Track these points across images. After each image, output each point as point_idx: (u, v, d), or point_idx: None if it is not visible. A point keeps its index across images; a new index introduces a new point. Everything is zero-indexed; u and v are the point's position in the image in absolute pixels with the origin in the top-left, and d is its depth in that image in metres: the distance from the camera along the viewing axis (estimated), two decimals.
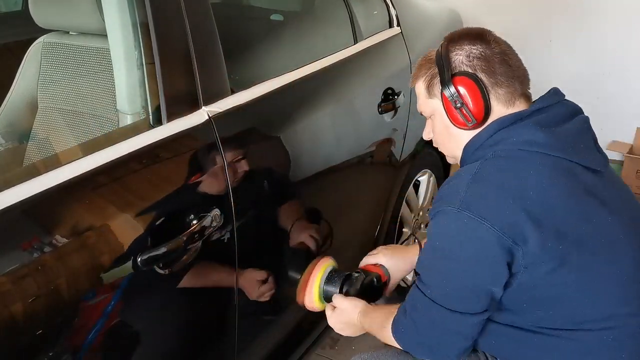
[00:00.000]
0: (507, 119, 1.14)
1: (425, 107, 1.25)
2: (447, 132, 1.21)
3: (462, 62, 1.15)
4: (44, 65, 1.50)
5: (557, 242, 1.06)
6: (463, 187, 1.08)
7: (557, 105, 1.18)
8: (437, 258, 1.13)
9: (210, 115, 1.25)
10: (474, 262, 1.08)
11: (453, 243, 1.09)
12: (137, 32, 1.16)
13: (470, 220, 1.05)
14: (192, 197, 1.18)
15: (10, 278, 0.89)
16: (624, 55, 3.30)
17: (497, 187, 1.07)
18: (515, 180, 1.08)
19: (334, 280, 1.40)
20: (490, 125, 1.15)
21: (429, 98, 1.22)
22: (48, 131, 1.48)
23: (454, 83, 1.14)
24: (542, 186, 1.07)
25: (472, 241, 1.06)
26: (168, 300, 1.20)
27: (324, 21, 2.14)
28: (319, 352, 2.16)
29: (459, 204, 1.06)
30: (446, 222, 1.09)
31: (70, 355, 1.01)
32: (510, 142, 1.12)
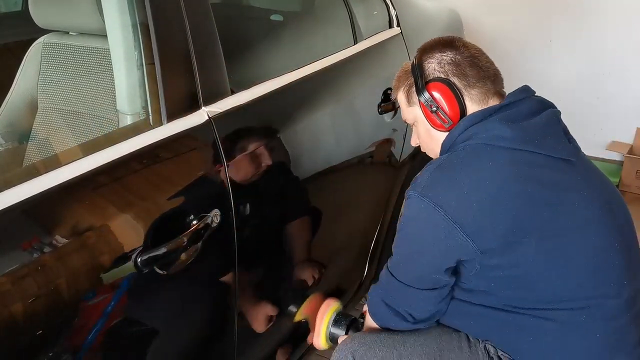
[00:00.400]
0: (477, 116, 1.22)
1: (408, 115, 1.36)
2: (429, 136, 1.32)
3: (435, 69, 1.25)
4: (44, 66, 1.50)
5: (512, 229, 1.12)
6: (427, 175, 1.19)
7: (525, 100, 1.25)
8: (400, 236, 1.24)
9: (210, 115, 1.25)
10: (425, 244, 1.19)
11: (413, 225, 1.20)
12: (137, 33, 1.16)
13: (427, 206, 1.14)
14: (192, 197, 1.18)
15: (10, 278, 0.89)
16: (624, 55, 3.31)
17: (454, 177, 1.16)
18: (473, 172, 1.15)
19: (341, 324, 1.49)
20: (461, 123, 1.23)
21: (409, 106, 1.33)
22: (48, 131, 1.48)
23: (428, 89, 1.25)
24: (498, 177, 1.14)
25: (428, 226, 1.16)
26: (168, 301, 1.20)
27: (324, 21, 2.14)
28: (319, 353, 2.15)
29: (421, 190, 1.16)
30: (410, 206, 1.19)
31: (70, 356, 1.01)
32: (480, 137, 1.19)
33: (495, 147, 1.16)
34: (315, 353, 1.91)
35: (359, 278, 1.99)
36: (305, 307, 1.60)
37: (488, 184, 1.13)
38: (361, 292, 2.05)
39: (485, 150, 1.17)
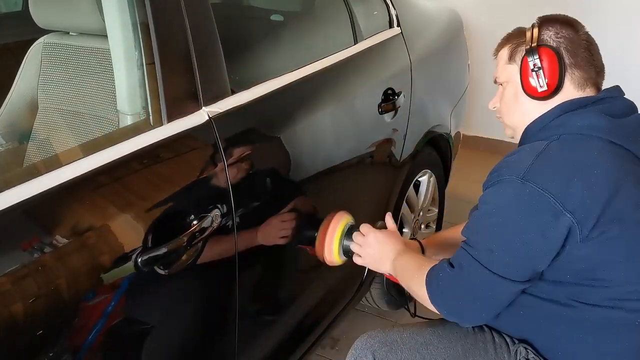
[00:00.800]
0: (573, 104, 1.21)
1: (502, 73, 1.32)
2: (515, 100, 1.28)
3: (550, 37, 1.24)
4: (44, 66, 1.50)
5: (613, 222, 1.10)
6: (528, 161, 1.14)
7: (620, 98, 1.25)
8: (491, 224, 1.16)
9: (211, 115, 1.25)
10: (530, 232, 1.12)
11: (512, 211, 1.13)
12: (137, 33, 1.16)
13: (532, 191, 1.10)
14: (193, 197, 1.18)
15: (10, 278, 0.89)
16: (624, 55, 3.30)
17: (563, 164, 1.13)
18: (581, 160, 1.13)
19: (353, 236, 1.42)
20: (556, 108, 1.22)
21: (509, 63, 1.30)
22: (48, 132, 1.48)
23: (538, 51, 1.22)
24: (605, 168, 1.13)
25: (532, 212, 1.11)
26: (168, 301, 1.20)
27: (324, 21, 2.14)
28: (319, 353, 2.16)
29: (523, 175, 1.11)
30: (507, 190, 1.13)
31: (71, 356, 1.01)
32: (573, 125, 1.18)
33: (593, 137, 1.16)
34: (315, 353, 1.92)
35: (359, 277, 1.99)
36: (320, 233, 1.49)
37: (596, 172, 1.12)
38: (361, 291, 2.05)
39: (586, 140, 1.16)
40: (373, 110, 1.84)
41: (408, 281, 1.30)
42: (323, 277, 1.82)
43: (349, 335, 2.25)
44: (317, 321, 1.80)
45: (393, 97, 1.90)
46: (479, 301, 1.18)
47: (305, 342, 1.74)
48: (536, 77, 1.22)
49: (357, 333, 2.24)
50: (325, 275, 1.83)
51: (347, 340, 2.24)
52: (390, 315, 2.40)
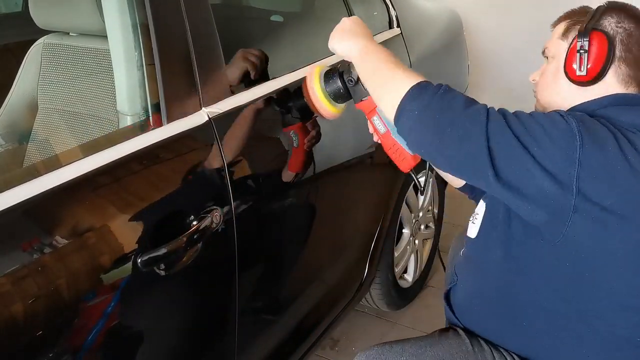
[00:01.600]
0: (624, 98, 1.16)
1: (552, 46, 1.26)
2: (554, 78, 1.24)
3: (610, 24, 1.17)
4: (44, 67, 1.50)
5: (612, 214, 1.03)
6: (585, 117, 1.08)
7: None
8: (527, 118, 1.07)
9: (211, 116, 1.25)
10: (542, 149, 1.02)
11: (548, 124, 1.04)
12: (137, 33, 1.16)
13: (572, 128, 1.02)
14: (192, 198, 1.18)
15: (10, 279, 0.89)
16: None
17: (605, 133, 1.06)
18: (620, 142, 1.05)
19: (332, 77, 1.31)
20: (606, 98, 1.16)
21: (561, 39, 1.24)
22: (48, 132, 1.48)
23: (591, 34, 1.16)
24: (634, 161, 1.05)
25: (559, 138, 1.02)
26: (168, 301, 1.20)
27: (324, 22, 2.14)
28: (319, 353, 2.16)
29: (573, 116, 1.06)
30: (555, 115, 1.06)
31: (71, 356, 1.01)
32: (617, 120, 1.11)
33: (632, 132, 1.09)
34: (315, 353, 1.92)
35: (359, 278, 1.99)
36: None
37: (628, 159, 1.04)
38: (361, 292, 2.05)
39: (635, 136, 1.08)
40: None
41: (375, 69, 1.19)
42: (323, 278, 1.82)
43: (349, 335, 2.26)
44: (317, 321, 1.80)
45: None
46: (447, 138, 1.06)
47: (305, 343, 1.74)
48: (579, 60, 1.16)
49: (357, 334, 2.26)
50: (325, 276, 1.83)
51: (346, 341, 2.24)
52: (390, 315, 2.40)
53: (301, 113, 1.41)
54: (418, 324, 2.34)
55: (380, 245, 2.04)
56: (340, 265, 1.88)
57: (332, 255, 1.81)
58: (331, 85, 1.30)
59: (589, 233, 1.06)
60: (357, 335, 2.27)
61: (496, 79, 3.58)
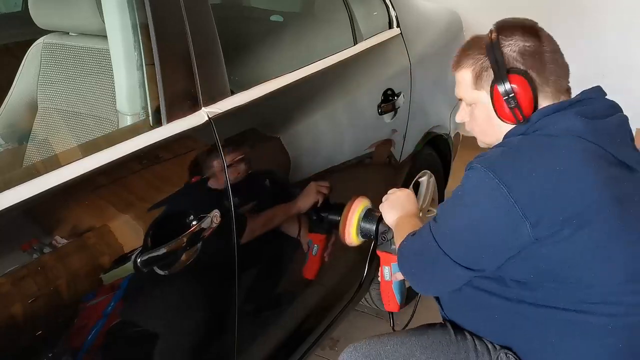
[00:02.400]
0: (549, 109, 1.17)
1: (468, 96, 1.26)
2: (489, 123, 1.25)
3: (515, 58, 1.17)
4: (44, 66, 1.50)
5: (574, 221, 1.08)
6: (498, 153, 1.15)
7: (598, 99, 1.22)
8: (455, 204, 1.19)
9: (210, 116, 1.25)
10: (482, 220, 1.13)
11: (472, 196, 1.15)
12: (137, 33, 1.16)
13: (491, 181, 1.09)
14: (192, 198, 1.18)
15: (10, 279, 0.89)
16: (624, 56, 3.31)
17: (525, 161, 1.11)
18: (545, 159, 1.11)
19: (371, 219, 1.52)
20: (533, 116, 1.18)
21: (475, 88, 1.23)
22: (48, 132, 1.48)
23: (509, 80, 1.16)
24: (570, 165, 1.10)
25: (488, 200, 1.11)
26: (168, 301, 1.20)
27: (323, 22, 2.14)
28: (319, 353, 2.16)
29: (488, 164, 1.11)
30: (472, 176, 1.14)
31: (70, 356, 1.01)
32: (550, 129, 1.15)
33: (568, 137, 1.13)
34: (315, 353, 1.92)
35: (358, 278, 1.99)
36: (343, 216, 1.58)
37: (559, 169, 1.09)
38: (361, 292, 2.05)
39: (558, 140, 1.13)
40: (373, 111, 1.84)
41: (397, 238, 1.38)
42: (323, 278, 1.82)
43: (349, 335, 2.25)
44: (316, 321, 1.80)
45: (393, 97, 1.90)
46: (427, 272, 1.25)
47: (304, 343, 1.74)
48: (510, 107, 1.17)
49: (356, 333, 2.26)
50: (325, 276, 1.83)
51: (346, 341, 2.24)
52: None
53: (329, 227, 1.62)
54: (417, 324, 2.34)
55: None
56: (340, 265, 1.88)
57: (332, 254, 1.80)
58: (367, 226, 1.53)
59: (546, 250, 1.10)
60: (356, 335, 2.27)
61: None
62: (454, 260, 1.16)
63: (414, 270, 1.28)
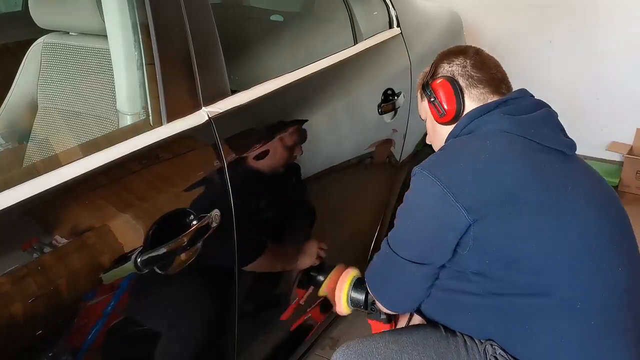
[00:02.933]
0: (477, 111, 1.32)
1: (421, 110, 1.50)
2: (434, 130, 1.45)
3: (445, 69, 1.38)
4: (44, 66, 1.50)
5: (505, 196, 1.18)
6: (432, 156, 1.30)
7: (523, 98, 1.34)
8: (402, 208, 1.31)
9: (210, 115, 1.25)
10: (426, 215, 1.25)
11: (414, 198, 1.28)
12: (137, 33, 1.16)
13: (427, 178, 1.22)
14: (192, 197, 1.18)
15: (10, 278, 0.89)
16: (624, 56, 3.31)
17: (453, 155, 1.27)
18: (472, 149, 1.25)
19: (360, 288, 1.57)
20: (463, 118, 1.34)
21: (422, 101, 1.47)
22: (48, 132, 1.48)
23: (432, 83, 1.39)
24: (494, 149, 1.23)
25: (426, 196, 1.23)
26: (168, 301, 1.20)
27: (324, 22, 2.14)
28: (319, 353, 2.16)
29: (423, 166, 1.25)
30: (413, 181, 1.27)
31: (70, 356, 1.01)
32: (480, 130, 1.30)
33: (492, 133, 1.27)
34: (314, 353, 1.92)
35: None
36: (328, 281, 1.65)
37: (484, 156, 1.21)
38: None
39: (485, 135, 1.27)
40: (373, 111, 1.84)
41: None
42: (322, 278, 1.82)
43: (348, 335, 2.25)
44: (316, 321, 1.80)
45: (393, 97, 1.91)
46: (389, 283, 1.35)
47: (304, 342, 1.74)
48: (436, 107, 1.37)
49: (356, 333, 2.25)
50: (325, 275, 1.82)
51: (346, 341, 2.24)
52: None
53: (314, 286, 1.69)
54: None
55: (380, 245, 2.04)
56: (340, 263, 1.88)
57: (331, 254, 1.80)
58: (357, 296, 1.57)
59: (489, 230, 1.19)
60: (356, 335, 2.26)
61: None
62: (404, 258, 1.27)
63: (381, 288, 1.38)
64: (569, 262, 1.19)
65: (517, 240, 1.19)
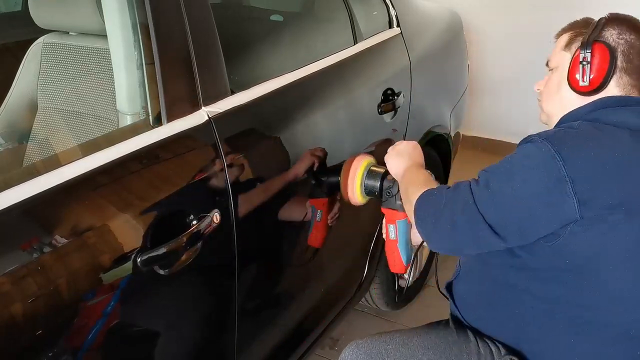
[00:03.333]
0: (612, 101, 1.20)
1: (555, 57, 1.31)
2: (557, 89, 1.28)
3: (612, 36, 1.22)
4: (44, 66, 1.50)
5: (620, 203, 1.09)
6: (558, 131, 1.17)
7: None
8: (503, 167, 1.17)
9: (210, 115, 1.25)
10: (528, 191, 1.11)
11: (526, 164, 1.13)
12: (137, 33, 1.16)
13: (548, 152, 1.09)
14: (192, 197, 1.18)
15: (10, 278, 0.89)
16: None
17: (585, 138, 1.13)
18: (606, 140, 1.13)
19: (375, 175, 1.50)
20: (596, 102, 1.21)
21: (564, 50, 1.29)
22: (48, 131, 1.48)
23: (593, 45, 1.21)
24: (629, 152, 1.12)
25: (541, 170, 1.10)
26: (168, 301, 1.20)
27: (323, 22, 2.14)
28: (319, 353, 2.16)
29: (545, 137, 1.12)
30: (528, 147, 1.14)
31: (70, 356, 1.01)
32: (607, 119, 1.17)
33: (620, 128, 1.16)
34: (314, 353, 1.92)
35: (359, 278, 1.99)
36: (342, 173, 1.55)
37: (616, 156, 1.11)
38: (361, 291, 2.05)
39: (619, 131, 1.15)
40: (373, 111, 1.84)
41: (405, 187, 1.33)
42: (323, 277, 1.82)
43: (349, 335, 2.25)
44: (316, 321, 1.80)
45: (393, 97, 1.91)
46: (448, 223, 1.17)
47: (304, 342, 1.74)
48: (582, 71, 1.21)
49: (356, 333, 2.26)
50: (325, 275, 1.83)
51: (346, 341, 2.24)
52: (389, 315, 2.40)
53: (330, 190, 1.57)
54: (417, 324, 2.33)
55: (380, 244, 2.04)
56: (340, 264, 1.89)
57: (331, 254, 1.81)
58: (371, 182, 1.49)
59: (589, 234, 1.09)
60: (356, 334, 2.25)
61: (496, 78, 3.58)
62: (486, 220, 1.13)
63: (433, 220, 1.20)
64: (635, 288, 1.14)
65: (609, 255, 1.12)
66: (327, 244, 1.73)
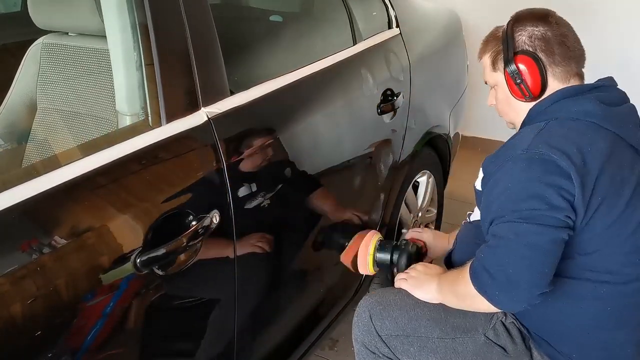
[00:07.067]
0: (571, 90, 1.29)
1: (490, 79, 1.42)
2: (508, 102, 1.38)
3: (525, 42, 1.30)
4: (43, 66, 1.50)
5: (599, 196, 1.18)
6: (529, 138, 1.22)
7: (614, 88, 1.35)
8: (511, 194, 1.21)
9: (210, 116, 1.25)
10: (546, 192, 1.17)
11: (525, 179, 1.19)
12: (136, 33, 1.16)
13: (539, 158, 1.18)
14: (192, 198, 1.18)
15: (9, 279, 0.89)
16: (625, 56, 3.31)
17: (562, 137, 1.21)
18: (577, 137, 1.21)
19: (385, 249, 1.65)
20: (555, 94, 1.29)
21: (493, 71, 1.39)
22: (47, 132, 1.48)
23: (515, 61, 1.29)
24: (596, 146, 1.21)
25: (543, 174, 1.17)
26: (167, 302, 1.20)
27: (323, 22, 2.14)
28: (319, 353, 2.16)
29: (527, 148, 1.20)
30: (516, 166, 1.21)
31: (70, 356, 1.01)
32: (569, 110, 1.26)
33: (584, 122, 1.24)
34: (314, 353, 1.92)
35: (358, 278, 1.99)
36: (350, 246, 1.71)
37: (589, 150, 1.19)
38: (361, 292, 2.05)
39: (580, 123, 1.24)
40: (372, 111, 1.84)
41: (455, 286, 1.35)
42: (322, 278, 1.82)
43: (348, 336, 2.24)
44: (316, 322, 1.80)
45: (392, 97, 1.91)
46: (528, 260, 1.17)
47: (304, 343, 1.74)
48: (520, 85, 1.30)
49: None
50: (325, 276, 1.83)
51: (346, 341, 2.24)
52: None
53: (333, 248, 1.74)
54: None
55: None
56: (339, 265, 1.88)
57: (331, 255, 1.80)
58: (382, 255, 1.65)
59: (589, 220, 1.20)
60: None
61: None
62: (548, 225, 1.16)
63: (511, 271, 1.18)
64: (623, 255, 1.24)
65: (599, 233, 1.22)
66: (327, 244, 1.73)
